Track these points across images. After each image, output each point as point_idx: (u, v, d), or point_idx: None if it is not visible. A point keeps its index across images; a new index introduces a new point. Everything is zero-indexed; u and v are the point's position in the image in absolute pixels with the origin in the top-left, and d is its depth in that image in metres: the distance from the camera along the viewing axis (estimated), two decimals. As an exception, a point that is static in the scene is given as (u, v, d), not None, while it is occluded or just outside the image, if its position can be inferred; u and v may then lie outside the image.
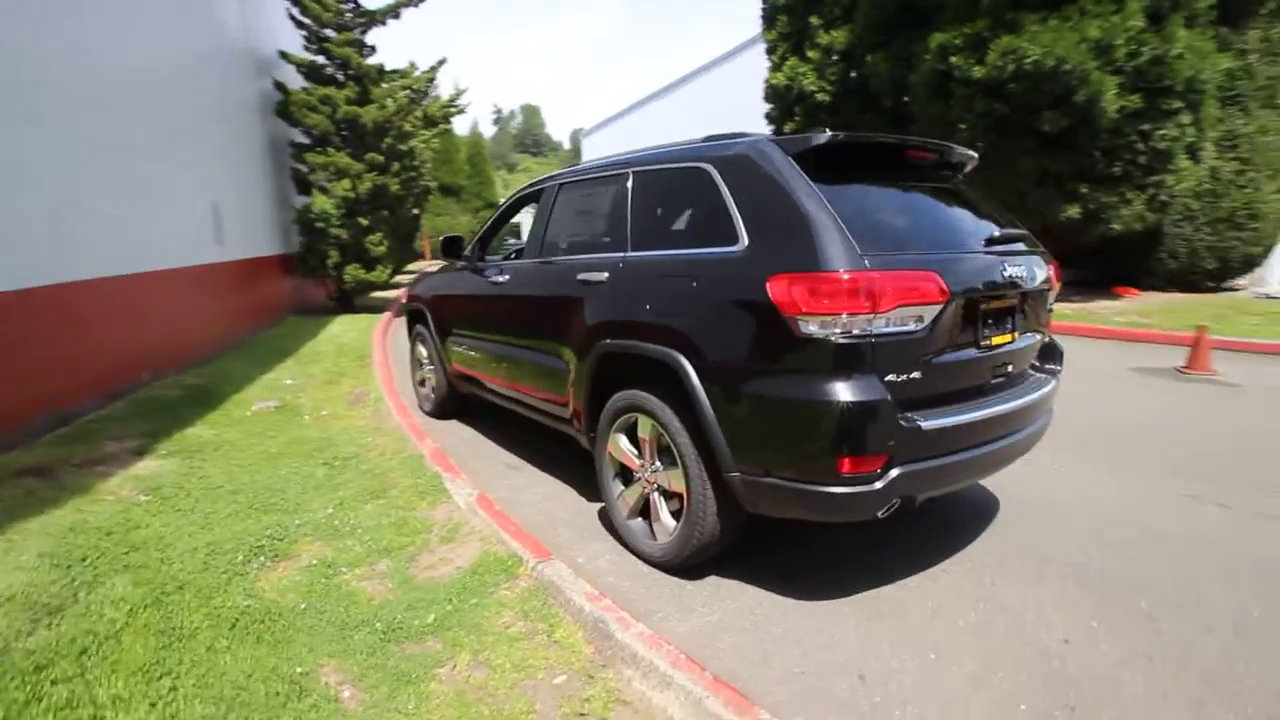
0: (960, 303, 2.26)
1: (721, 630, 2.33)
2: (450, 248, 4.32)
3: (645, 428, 2.71)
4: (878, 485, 2.13)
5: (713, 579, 2.67)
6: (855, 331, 2.08)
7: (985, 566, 2.71)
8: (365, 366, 7.02)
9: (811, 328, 2.09)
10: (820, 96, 10.59)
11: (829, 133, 2.35)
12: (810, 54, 10.67)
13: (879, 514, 2.21)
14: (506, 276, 3.74)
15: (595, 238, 3.23)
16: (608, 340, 2.82)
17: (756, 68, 19.96)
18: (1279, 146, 9.00)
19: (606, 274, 2.88)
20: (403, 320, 5.83)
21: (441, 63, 10.68)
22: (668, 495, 2.71)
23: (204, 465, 3.80)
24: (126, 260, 5.60)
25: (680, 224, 2.68)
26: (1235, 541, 2.85)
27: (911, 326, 2.16)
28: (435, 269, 5.24)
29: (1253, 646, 2.15)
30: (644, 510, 2.85)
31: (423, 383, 5.29)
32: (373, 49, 10.49)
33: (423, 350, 5.16)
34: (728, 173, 2.46)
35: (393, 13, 10.20)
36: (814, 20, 10.68)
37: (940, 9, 8.54)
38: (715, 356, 2.35)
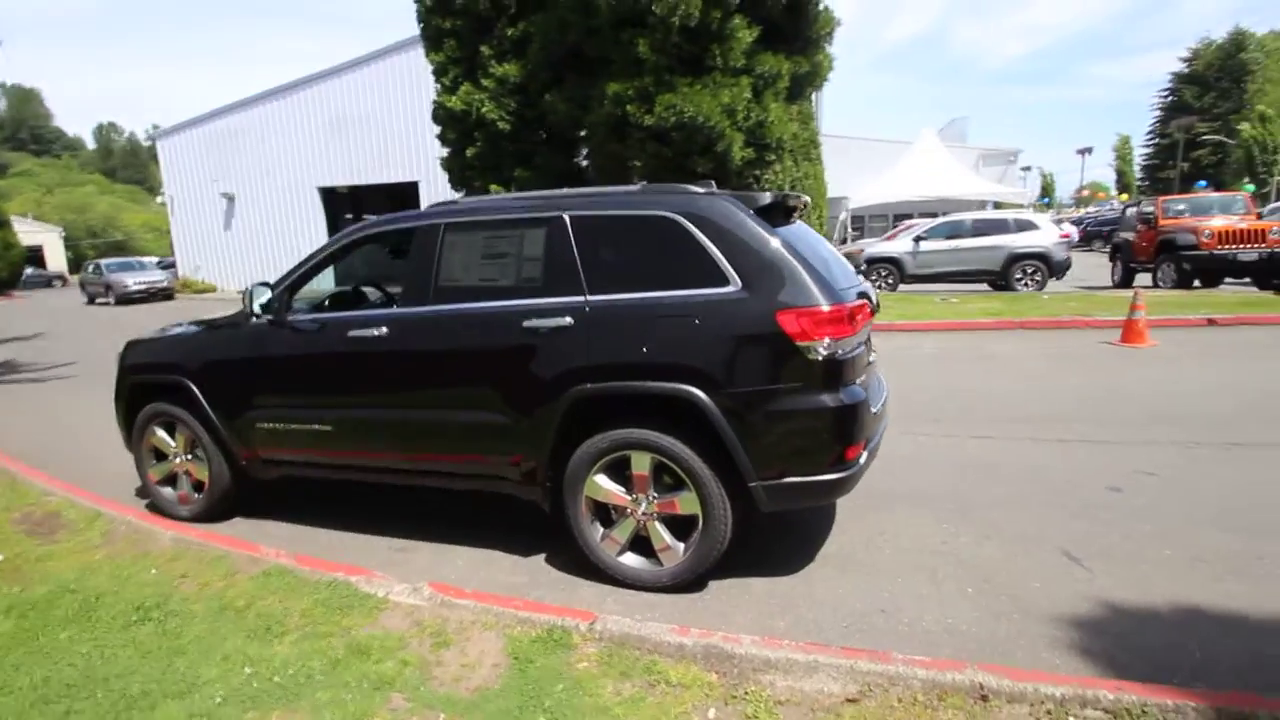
0: (869, 319, 3.09)
1: (766, 619, 2.70)
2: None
3: (641, 462, 2.83)
4: (861, 462, 2.80)
5: (713, 585, 2.97)
6: (840, 350, 2.69)
7: (865, 510, 3.65)
8: (-21, 478, 4.68)
9: (820, 351, 2.62)
10: (501, 125, 10.99)
11: (770, 194, 2.90)
12: (485, 82, 10.96)
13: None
14: (383, 330, 3.20)
15: (524, 282, 3.10)
16: (588, 385, 2.83)
17: (394, 79, 19.19)
18: (815, 188, 13.21)
19: (569, 319, 2.86)
20: None
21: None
22: (669, 520, 2.89)
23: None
24: None
25: (651, 267, 2.85)
26: (1005, 460, 4.33)
27: (859, 341, 2.88)
28: (185, 325, 3.94)
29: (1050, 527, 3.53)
30: (633, 544, 2.96)
31: (171, 481, 3.95)
32: None
33: (167, 438, 3.87)
34: (702, 224, 2.78)
35: None
36: (485, 50, 11.00)
37: (608, 61, 9.87)
38: (731, 383, 2.67)
